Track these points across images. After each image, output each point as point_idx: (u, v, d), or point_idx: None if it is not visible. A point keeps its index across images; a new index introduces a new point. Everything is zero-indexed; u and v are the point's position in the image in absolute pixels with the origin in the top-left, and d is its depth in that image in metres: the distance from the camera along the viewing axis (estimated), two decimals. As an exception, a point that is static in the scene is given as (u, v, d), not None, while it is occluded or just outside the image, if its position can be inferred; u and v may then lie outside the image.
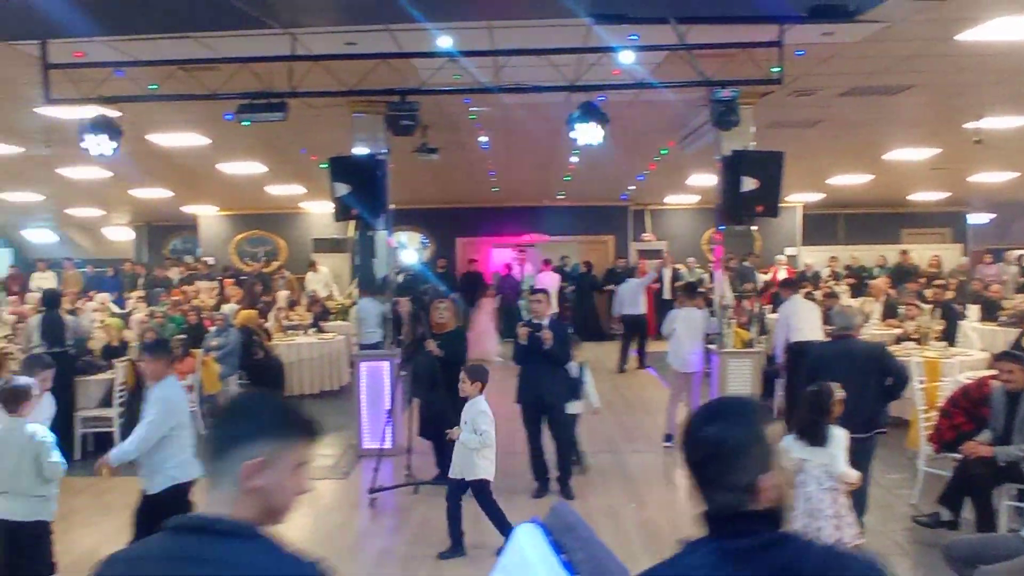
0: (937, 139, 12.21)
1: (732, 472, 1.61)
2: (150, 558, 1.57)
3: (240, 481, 1.55)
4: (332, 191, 8.58)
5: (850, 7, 5.80)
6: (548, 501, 7.09)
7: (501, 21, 6.39)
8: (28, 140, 11.41)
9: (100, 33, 6.68)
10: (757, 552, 1.57)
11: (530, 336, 7.11)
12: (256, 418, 1.65)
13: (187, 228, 19.99)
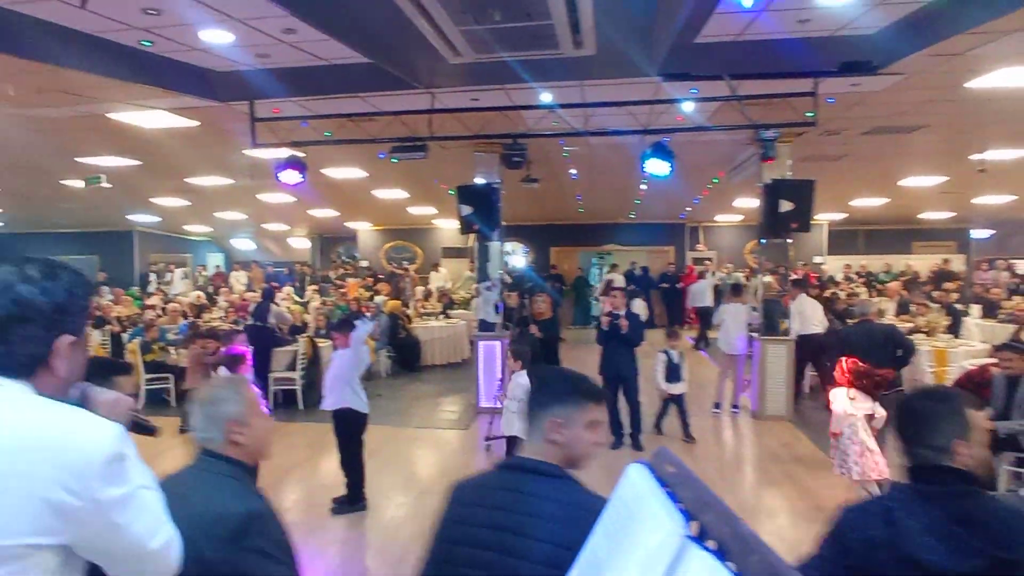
0: (946, 169, 11.54)
1: (930, 433, 1.70)
2: (489, 486, 1.70)
3: (545, 435, 1.65)
4: (459, 211, 8.76)
5: (874, 63, 5.58)
6: (622, 452, 7.10)
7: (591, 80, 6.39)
8: (237, 174, 12.00)
9: (292, 95, 6.94)
10: (946, 498, 1.65)
11: (610, 323, 7.13)
12: (555, 388, 1.71)
13: (349, 239, 20.49)
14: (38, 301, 1.19)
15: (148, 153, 9.83)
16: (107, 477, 1.13)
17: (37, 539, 1.09)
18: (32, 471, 1.09)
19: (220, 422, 1.77)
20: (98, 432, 1.16)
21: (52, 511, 1.09)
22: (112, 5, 4.71)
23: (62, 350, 1.22)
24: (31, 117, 7.61)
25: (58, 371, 1.23)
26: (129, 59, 5.82)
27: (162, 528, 1.25)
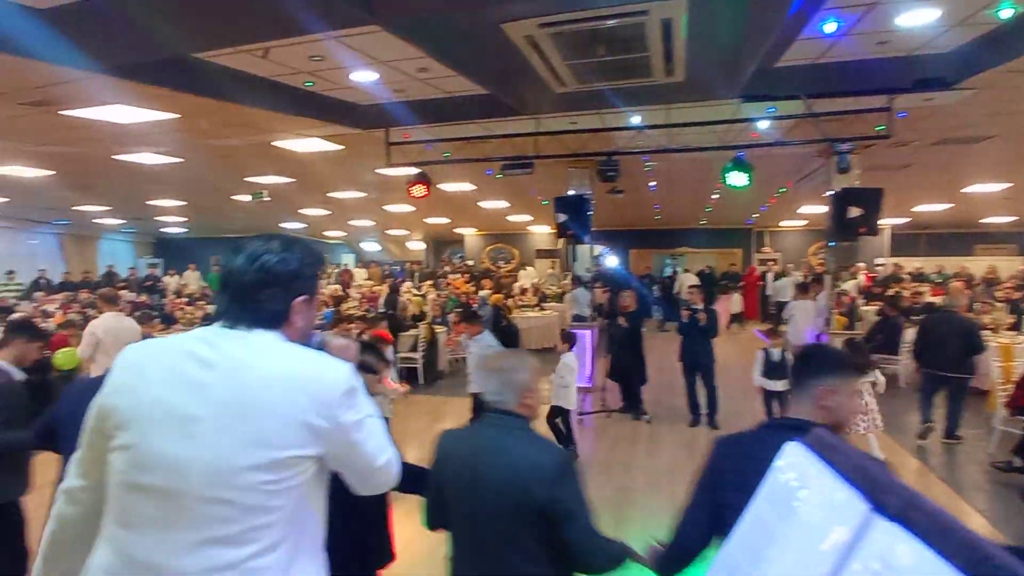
0: (1010, 176, 10.55)
1: None
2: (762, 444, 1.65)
3: (816, 400, 1.66)
4: (555, 218, 8.77)
5: (948, 79, 5.19)
6: (699, 430, 6.95)
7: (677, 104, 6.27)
8: (368, 188, 12.50)
9: (420, 122, 7.17)
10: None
11: (690, 317, 6.99)
12: (828, 361, 1.72)
13: (457, 242, 20.88)
14: (278, 268, 1.30)
15: (300, 172, 10.39)
16: (345, 405, 1.25)
17: (300, 451, 1.21)
18: (293, 399, 1.21)
19: (516, 387, 1.82)
20: (337, 370, 1.27)
21: (308, 430, 1.21)
22: (286, 54, 5.01)
23: (298, 307, 1.33)
24: (215, 146, 8.20)
25: (296, 324, 1.33)
26: (294, 97, 6.18)
27: (386, 449, 1.36)
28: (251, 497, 1.16)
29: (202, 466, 1.16)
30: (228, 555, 1.15)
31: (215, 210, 15.36)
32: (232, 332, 1.27)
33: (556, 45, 4.58)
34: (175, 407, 1.19)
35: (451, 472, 1.79)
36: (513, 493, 1.62)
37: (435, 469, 1.86)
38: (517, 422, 1.81)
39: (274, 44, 4.67)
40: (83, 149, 8.12)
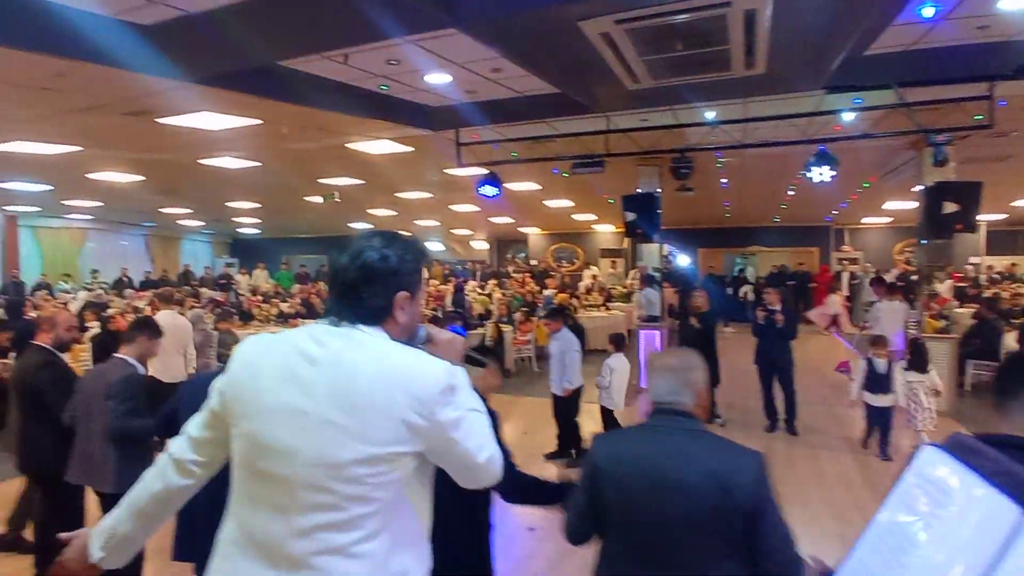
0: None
1: None
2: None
3: None
4: (623, 217, 8.72)
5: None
6: (776, 436, 6.74)
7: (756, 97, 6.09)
8: (434, 189, 12.76)
9: (491, 123, 7.28)
10: None
11: (766, 318, 6.79)
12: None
13: (521, 242, 20.94)
14: (378, 265, 1.33)
15: (370, 174, 10.71)
16: (443, 403, 1.27)
17: (400, 448, 1.25)
18: (393, 397, 1.24)
19: (694, 387, 1.74)
20: (435, 369, 1.29)
21: (407, 428, 1.25)
22: (365, 58, 5.20)
23: (400, 303, 1.35)
24: (291, 149, 8.58)
25: (399, 319, 1.36)
26: (370, 101, 6.39)
27: (488, 446, 1.36)
28: (353, 488, 1.23)
29: (308, 457, 1.23)
30: (335, 540, 1.23)
31: (288, 211, 16.05)
32: (338, 329, 1.31)
33: (632, 41, 4.55)
34: (285, 400, 1.26)
35: (622, 480, 1.68)
36: (710, 499, 1.56)
37: (593, 477, 1.75)
38: (698, 424, 1.72)
39: (354, 50, 4.85)
40: (172, 155, 8.66)
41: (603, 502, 1.71)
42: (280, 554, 1.25)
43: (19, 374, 3.72)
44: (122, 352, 3.35)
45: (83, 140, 7.54)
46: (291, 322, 11.48)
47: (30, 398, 3.60)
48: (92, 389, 3.28)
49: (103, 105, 5.85)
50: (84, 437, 3.29)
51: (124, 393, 3.13)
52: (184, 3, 4.06)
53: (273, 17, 4.07)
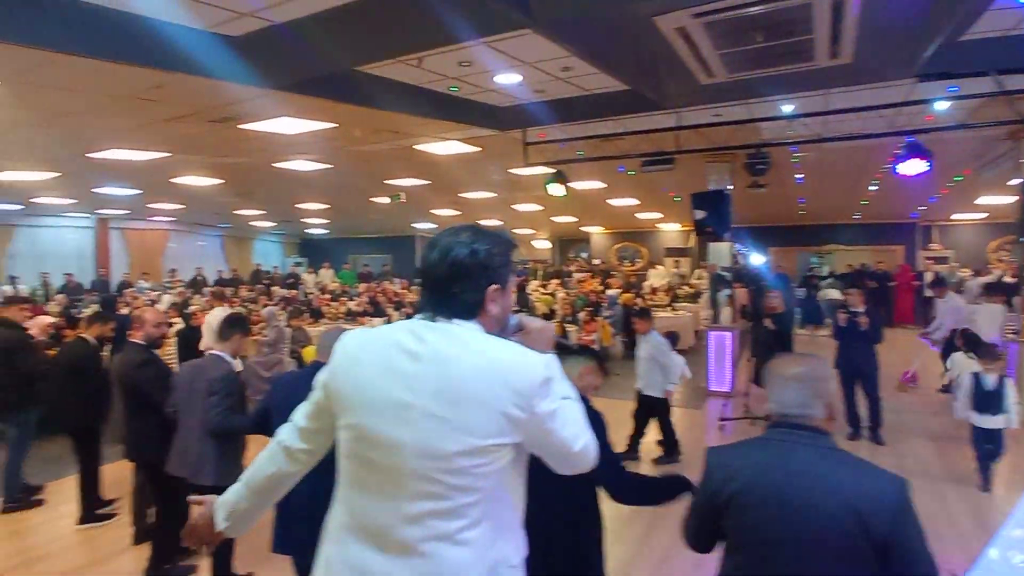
0: None
1: None
2: None
3: None
4: (693, 215, 8.54)
5: None
6: (858, 445, 6.46)
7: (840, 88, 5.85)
8: (498, 188, 12.85)
9: (558, 122, 7.27)
10: None
11: (848, 320, 6.51)
12: None
13: (583, 241, 20.82)
14: (468, 261, 1.37)
15: (436, 174, 10.90)
16: (541, 395, 1.31)
17: (501, 439, 1.30)
18: (494, 391, 1.29)
19: (824, 398, 1.62)
20: (534, 361, 1.33)
21: (507, 420, 1.29)
22: (438, 61, 5.31)
23: (491, 296, 1.39)
24: (360, 151, 8.84)
25: (491, 312, 1.40)
26: (440, 102, 6.51)
27: (582, 435, 1.39)
28: (458, 479, 1.29)
29: (414, 449, 1.29)
30: (442, 527, 1.29)
31: (354, 212, 16.54)
32: (435, 324, 1.36)
33: (710, 35, 4.47)
34: (388, 394, 1.32)
35: (743, 499, 1.57)
36: (844, 525, 1.45)
37: (711, 494, 1.65)
38: (829, 440, 1.58)
39: (429, 53, 4.96)
40: (250, 159, 9.09)
41: (722, 519, 1.62)
42: (390, 539, 1.31)
43: (120, 369, 3.98)
44: (217, 349, 3.52)
45: (171, 147, 8.02)
46: (359, 320, 11.83)
47: (132, 393, 3.85)
48: (191, 385, 3.45)
49: (192, 113, 6.21)
50: (184, 431, 3.48)
51: (224, 390, 3.29)
52: (270, 14, 4.26)
53: (355, 24, 4.22)
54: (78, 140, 7.45)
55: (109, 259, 17.29)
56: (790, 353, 6.86)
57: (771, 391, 1.66)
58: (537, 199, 13.82)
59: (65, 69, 4.59)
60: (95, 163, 8.77)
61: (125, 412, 4.01)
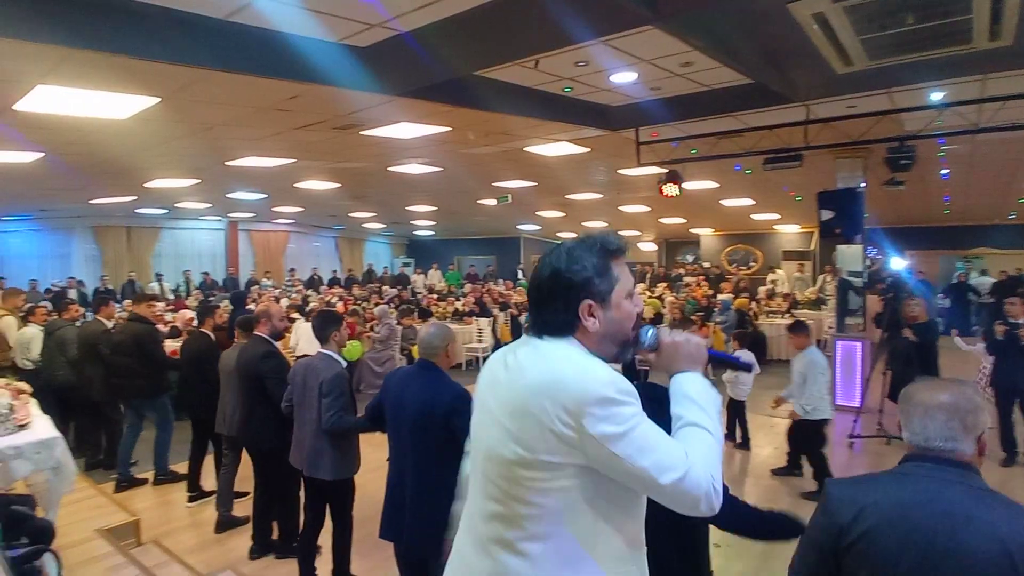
0: None
1: None
2: None
3: None
4: (818, 216, 8.07)
5: None
6: (1014, 471, 5.82)
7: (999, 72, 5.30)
8: (604, 189, 12.76)
9: (673, 120, 7.09)
10: None
11: (1007, 333, 5.88)
12: None
13: (692, 243, 20.21)
14: (550, 282, 1.37)
15: (543, 176, 10.99)
16: (594, 416, 1.23)
17: (553, 457, 1.27)
18: (542, 406, 1.26)
19: (975, 432, 1.46)
20: (592, 379, 1.26)
21: (556, 438, 1.26)
22: (554, 62, 5.34)
23: (584, 312, 1.35)
24: (470, 154, 9.07)
25: (589, 328, 1.35)
26: (552, 104, 6.56)
27: (674, 468, 1.24)
28: (514, 488, 1.32)
29: (487, 451, 1.39)
30: (503, 532, 1.35)
31: (462, 213, 17.01)
32: (530, 339, 1.41)
33: (851, 19, 4.19)
34: (483, 399, 1.46)
35: (875, 542, 1.42)
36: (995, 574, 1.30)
37: (833, 534, 1.48)
38: (981, 480, 1.43)
39: (546, 55, 5.01)
40: (366, 164, 9.59)
41: (845, 561, 1.45)
42: (476, 531, 1.43)
43: (244, 360, 4.22)
44: (324, 349, 3.67)
45: (297, 153, 8.63)
46: (465, 320, 12.15)
47: (254, 383, 4.08)
48: (305, 382, 3.62)
49: (321, 121, 6.65)
50: (299, 426, 3.67)
51: (336, 391, 3.45)
52: (397, 24, 4.47)
53: (477, 29, 4.34)
54: (219, 149, 8.19)
55: (238, 259, 18.88)
56: (933, 369, 6.36)
57: (911, 420, 1.49)
58: (644, 200, 13.57)
59: (217, 85, 5.07)
60: (231, 170, 9.60)
61: (242, 402, 4.27)
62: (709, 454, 1.29)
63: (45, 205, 13.96)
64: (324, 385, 3.46)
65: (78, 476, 4.28)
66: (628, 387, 1.28)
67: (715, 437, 1.32)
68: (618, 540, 1.35)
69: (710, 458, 1.28)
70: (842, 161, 8.28)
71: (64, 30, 3.78)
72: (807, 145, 6.74)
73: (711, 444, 1.30)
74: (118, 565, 3.81)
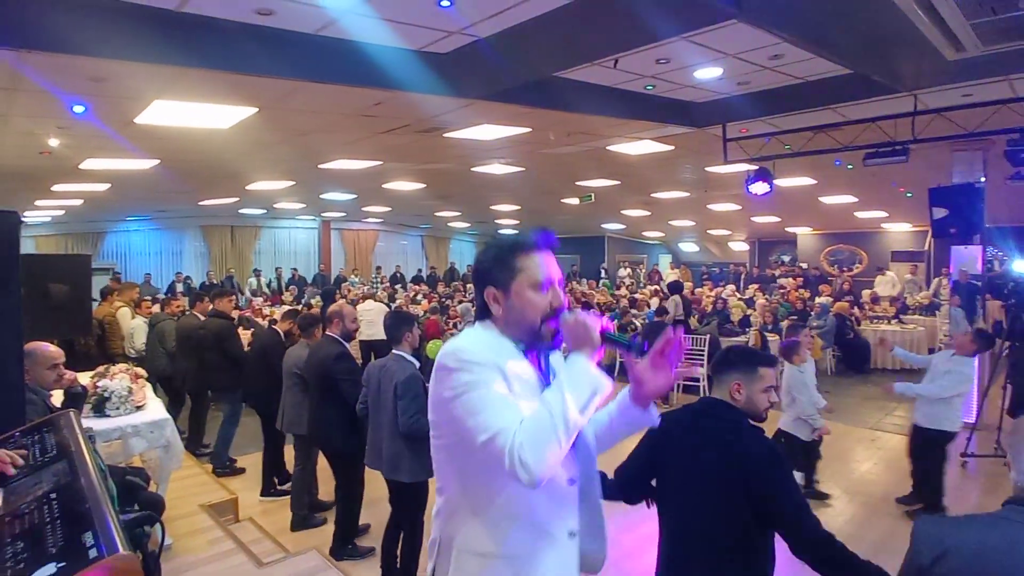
0: None
1: None
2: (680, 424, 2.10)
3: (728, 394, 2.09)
4: (929, 214, 7.54)
5: None
6: None
7: None
8: (690, 188, 12.46)
9: (764, 115, 6.86)
10: None
11: None
12: None
13: (787, 243, 19.35)
14: (470, 273, 1.73)
15: (627, 175, 10.90)
16: (438, 379, 1.46)
17: (433, 415, 1.53)
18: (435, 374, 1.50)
19: None
20: (447, 348, 1.49)
21: (432, 398, 1.50)
22: (634, 61, 5.33)
23: (490, 299, 1.55)
24: (553, 155, 9.14)
25: (495, 313, 1.55)
26: (633, 102, 6.52)
27: (488, 430, 1.34)
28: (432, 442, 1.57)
29: None
30: None
31: (545, 212, 17.13)
32: None
33: (960, 3, 3.92)
34: None
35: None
36: None
37: (917, 564, 1.41)
38: None
39: (624, 54, 5.01)
40: (450, 164, 9.88)
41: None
42: None
43: (315, 360, 4.31)
44: (397, 349, 3.72)
45: (384, 155, 9.04)
46: (546, 320, 12.23)
47: (326, 383, 4.17)
48: (380, 384, 3.68)
49: (404, 125, 6.96)
50: (374, 427, 3.74)
51: (411, 392, 3.49)
52: (475, 30, 4.63)
53: (553, 31, 4.42)
54: (312, 154, 8.73)
55: (330, 256, 19.93)
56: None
57: (1018, 457, 1.38)
58: (734, 198, 13.14)
59: (308, 95, 5.44)
60: (323, 173, 10.18)
61: (313, 401, 4.39)
62: (536, 428, 1.32)
63: (161, 207, 15.36)
64: (399, 387, 3.52)
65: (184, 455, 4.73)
66: (471, 357, 1.42)
67: (554, 416, 1.32)
68: (505, 512, 1.45)
69: (534, 432, 1.32)
70: (960, 154, 7.69)
71: (178, 51, 4.21)
72: (915, 138, 6.30)
73: (544, 420, 1.33)
74: (218, 539, 4.20)
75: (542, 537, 1.46)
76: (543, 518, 1.46)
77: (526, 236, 1.56)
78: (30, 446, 1.80)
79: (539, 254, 1.54)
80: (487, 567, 1.45)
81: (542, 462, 1.29)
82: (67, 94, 5.09)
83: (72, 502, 1.41)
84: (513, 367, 1.46)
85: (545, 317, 1.50)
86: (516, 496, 1.44)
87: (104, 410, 4.08)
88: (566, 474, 1.49)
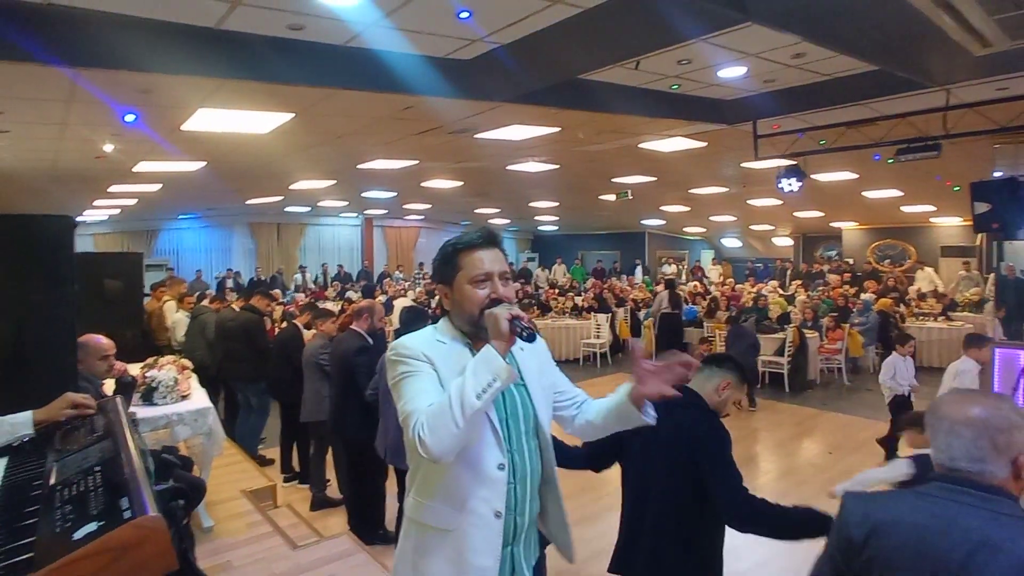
0: None
1: None
2: None
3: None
4: (972, 209, 7.36)
5: None
6: None
7: None
8: (730, 183, 12.36)
9: (793, 111, 6.83)
10: None
11: None
12: None
13: (833, 238, 18.85)
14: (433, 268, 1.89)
15: (662, 171, 10.91)
16: (387, 372, 1.69)
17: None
18: None
19: (1010, 453, 1.32)
20: (391, 345, 1.72)
21: None
22: (655, 62, 5.43)
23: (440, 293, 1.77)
24: (586, 152, 9.25)
25: (447, 307, 1.76)
26: (661, 100, 6.60)
27: (404, 413, 1.56)
28: None
29: None
30: None
31: (583, 209, 17.20)
32: None
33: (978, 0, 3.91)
34: None
35: (886, 564, 1.35)
36: None
37: (845, 551, 1.43)
38: (1009, 505, 1.30)
39: (643, 56, 5.12)
40: (484, 163, 10.11)
41: None
42: None
43: (339, 353, 4.57)
44: None
45: (419, 155, 9.33)
46: (584, 315, 12.36)
47: (347, 375, 4.42)
48: None
49: (436, 127, 7.21)
50: (384, 416, 3.92)
51: None
52: (494, 38, 4.83)
53: (570, 36, 4.58)
54: (350, 154, 9.09)
55: (373, 253, 20.48)
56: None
57: (936, 436, 1.41)
58: (774, 193, 12.90)
59: (342, 101, 5.75)
60: (363, 172, 10.56)
61: (334, 393, 4.66)
62: (437, 412, 1.50)
63: (210, 205, 16.12)
64: None
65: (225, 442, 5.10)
66: (404, 351, 1.64)
67: (452, 400, 1.48)
68: (432, 488, 1.65)
69: (434, 415, 1.49)
70: (1002, 148, 7.49)
71: (217, 64, 4.56)
72: (946, 133, 6.20)
73: (444, 404, 1.49)
74: (256, 523, 4.53)
75: (468, 514, 1.61)
76: (468, 496, 1.61)
77: (470, 235, 1.70)
78: (81, 427, 2.10)
79: (479, 251, 1.68)
80: (423, 537, 1.66)
81: (438, 440, 1.46)
82: (119, 104, 5.53)
83: (113, 474, 1.66)
84: (448, 358, 1.64)
85: (483, 308, 1.63)
86: (441, 474, 1.62)
87: (152, 399, 4.44)
88: (495, 460, 1.63)
